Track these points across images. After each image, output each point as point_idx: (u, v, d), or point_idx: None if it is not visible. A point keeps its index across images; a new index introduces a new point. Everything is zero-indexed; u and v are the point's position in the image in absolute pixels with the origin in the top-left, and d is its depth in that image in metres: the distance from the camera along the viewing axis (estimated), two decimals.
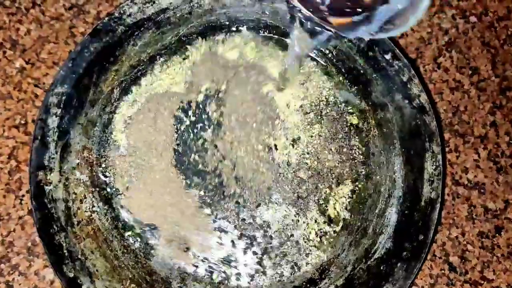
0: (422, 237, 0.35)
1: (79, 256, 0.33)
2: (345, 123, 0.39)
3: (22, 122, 0.40)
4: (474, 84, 0.44)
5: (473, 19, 0.45)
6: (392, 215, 0.36)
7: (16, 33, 0.42)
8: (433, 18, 0.45)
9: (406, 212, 0.36)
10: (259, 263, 0.37)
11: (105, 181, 0.37)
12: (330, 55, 0.39)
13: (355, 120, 0.39)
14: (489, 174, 0.42)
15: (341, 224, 0.38)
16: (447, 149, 0.43)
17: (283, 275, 0.37)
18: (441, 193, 0.36)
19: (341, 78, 0.40)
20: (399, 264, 0.35)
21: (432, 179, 0.35)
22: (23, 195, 0.39)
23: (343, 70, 0.39)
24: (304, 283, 0.37)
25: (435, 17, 0.45)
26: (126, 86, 0.38)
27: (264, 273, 0.36)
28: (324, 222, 0.37)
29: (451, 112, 0.43)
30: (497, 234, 0.41)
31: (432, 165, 0.36)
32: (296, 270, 0.37)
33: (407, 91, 0.37)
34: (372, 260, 0.36)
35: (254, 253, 0.37)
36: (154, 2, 0.36)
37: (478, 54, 0.45)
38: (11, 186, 0.39)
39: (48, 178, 0.34)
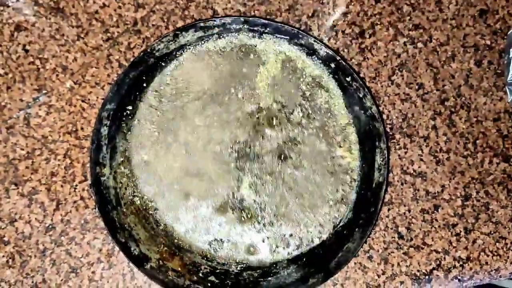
0: (373, 209, 0.42)
1: (127, 228, 0.42)
2: None
3: (73, 129, 0.46)
4: (420, 96, 0.49)
5: (420, 45, 0.49)
6: (353, 194, 0.44)
7: (66, 60, 0.47)
8: (388, 45, 0.49)
9: (362, 192, 0.43)
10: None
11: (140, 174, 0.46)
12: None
13: None
14: (430, 166, 0.48)
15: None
16: (397, 147, 0.47)
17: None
18: (386, 177, 0.42)
19: None
20: (356, 229, 0.42)
21: (380, 168, 0.42)
22: (76, 185, 0.46)
23: None
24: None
25: (390, 44, 0.49)
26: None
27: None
28: None
29: (401, 118, 0.48)
30: (435, 211, 0.47)
31: (380, 158, 0.42)
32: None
33: (363, 104, 0.43)
34: (338, 227, 0.43)
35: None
36: (175, 41, 0.43)
37: (423, 72, 0.49)
38: (67, 178, 0.46)
39: (102, 172, 0.42)
